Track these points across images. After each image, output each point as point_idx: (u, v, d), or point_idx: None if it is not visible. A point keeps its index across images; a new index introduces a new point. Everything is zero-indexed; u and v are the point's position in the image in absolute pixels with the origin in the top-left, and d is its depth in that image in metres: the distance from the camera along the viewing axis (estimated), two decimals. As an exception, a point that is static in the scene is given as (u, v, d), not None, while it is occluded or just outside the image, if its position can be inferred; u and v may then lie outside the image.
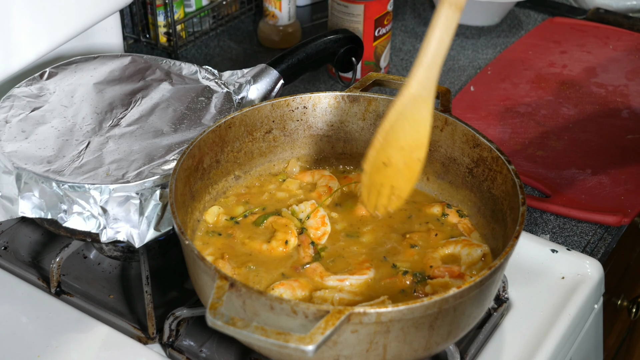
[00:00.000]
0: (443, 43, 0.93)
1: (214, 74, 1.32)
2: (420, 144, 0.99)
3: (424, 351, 0.92)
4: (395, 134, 0.96)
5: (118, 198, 1.08)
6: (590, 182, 1.41)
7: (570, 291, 1.18)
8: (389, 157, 0.98)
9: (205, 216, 1.11)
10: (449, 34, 0.92)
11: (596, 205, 1.36)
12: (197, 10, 1.78)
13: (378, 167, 0.98)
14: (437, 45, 0.93)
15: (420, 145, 0.99)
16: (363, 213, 1.13)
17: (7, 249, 1.26)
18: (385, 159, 0.98)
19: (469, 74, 1.72)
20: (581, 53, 1.79)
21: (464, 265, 1.05)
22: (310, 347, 0.79)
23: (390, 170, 0.98)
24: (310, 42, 1.37)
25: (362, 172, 1.01)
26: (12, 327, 1.12)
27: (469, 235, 1.10)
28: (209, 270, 0.89)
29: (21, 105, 1.23)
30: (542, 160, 1.47)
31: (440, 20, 0.92)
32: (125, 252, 1.23)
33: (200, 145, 1.09)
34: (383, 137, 0.96)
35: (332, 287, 1.01)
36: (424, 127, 0.98)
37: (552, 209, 1.35)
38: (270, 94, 1.31)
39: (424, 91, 0.95)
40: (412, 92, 0.95)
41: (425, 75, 0.94)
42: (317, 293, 1.00)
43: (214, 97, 1.27)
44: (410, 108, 0.96)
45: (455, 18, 0.91)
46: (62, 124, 1.20)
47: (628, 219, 1.34)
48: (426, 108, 0.97)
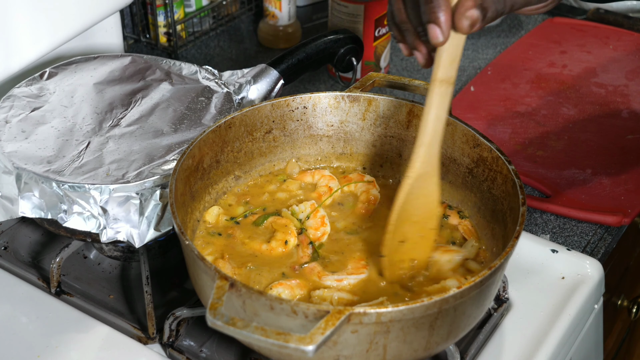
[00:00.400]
0: (440, 119, 0.95)
1: (214, 74, 1.32)
2: (432, 214, 1.01)
3: (424, 351, 0.92)
4: (406, 212, 0.98)
5: (118, 198, 1.08)
6: (590, 182, 1.41)
7: (571, 291, 1.18)
8: (405, 235, 1.00)
9: (205, 216, 1.11)
10: (444, 109, 0.94)
11: (596, 205, 1.36)
12: (197, 10, 1.78)
13: (396, 248, 1.00)
14: (435, 122, 0.94)
15: (432, 215, 1.01)
16: (362, 212, 1.13)
17: (7, 249, 1.26)
18: (401, 237, 0.99)
19: (469, 74, 1.72)
20: (581, 53, 1.79)
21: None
22: (310, 347, 0.79)
23: (407, 246, 1.00)
24: (310, 42, 1.37)
25: (380, 253, 1.01)
26: (12, 327, 1.12)
27: (469, 238, 1.10)
28: (209, 270, 0.89)
29: (21, 105, 1.23)
30: (542, 160, 1.47)
31: (434, 100, 0.93)
32: (125, 252, 1.23)
33: (200, 145, 1.09)
34: (395, 219, 0.98)
35: (330, 287, 1.01)
36: (434, 199, 1.00)
37: (552, 209, 1.35)
38: (270, 94, 1.31)
39: (429, 167, 0.98)
40: (418, 172, 0.97)
41: (427, 153, 0.96)
42: (315, 292, 1.00)
43: (214, 97, 1.27)
44: (417, 186, 0.98)
45: (448, 93, 0.93)
46: (62, 124, 1.20)
47: (628, 219, 1.34)
48: (433, 182, 0.99)
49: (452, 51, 0.91)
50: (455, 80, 0.95)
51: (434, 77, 0.92)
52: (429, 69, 0.95)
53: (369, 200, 1.15)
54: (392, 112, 1.18)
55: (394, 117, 1.18)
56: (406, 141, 1.18)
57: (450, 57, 0.91)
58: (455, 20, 0.88)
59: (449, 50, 0.91)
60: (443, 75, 0.92)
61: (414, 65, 1.75)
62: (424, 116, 0.94)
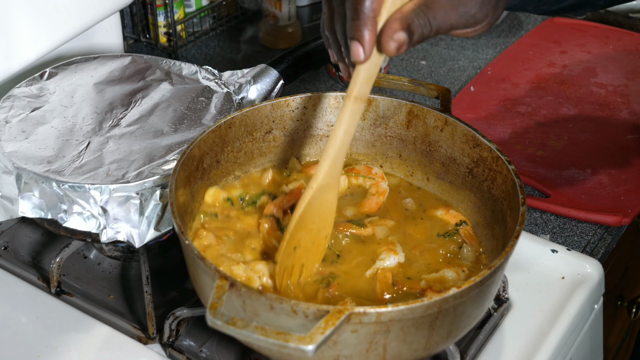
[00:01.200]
0: (348, 134, 0.95)
1: (214, 74, 1.32)
2: (327, 223, 1.02)
3: (424, 351, 0.92)
4: (304, 221, 0.99)
5: (118, 198, 1.08)
6: (590, 182, 1.41)
7: (570, 291, 1.18)
8: (299, 241, 1.00)
9: (205, 197, 1.12)
10: (354, 125, 0.95)
11: (596, 205, 1.36)
12: (197, 10, 1.78)
13: (289, 253, 1.00)
14: (343, 137, 0.95)
15: (327, 224, 1.02)
16: (373, 204, 1.14)
17: (7, 249, 1.26)
18: (296, 243, 1.00)
19: (469, 74, 1.72)
20: (581, 53, 1.79)
21: (424, 280, 1.04)
22: (310, 347, 0.79)
23: (299, 252, 1.01)
24: (310, 42, 1.37)
25: (275, 261, 1.00)
26: (12, 327, 1.12)
27: (470, 243, 1.09)
28: (209, 270, 0.89)
29: (21, 105, 1.23)
30: (542, 160, 1.47)
31: (346, 115, 0.93)
32: (125, 252, 1.23)
33: (200, 145, 1.09)
34: (293, 227, 0.98)
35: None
36: (331, 210, 1.01)
37: (552, 209, 1.35)
38: (270, 94, 1.31)
39: (331, 179, 0.98)
40: (320, 183, 0.97)
41: (332, 166, 0.97)
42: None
43: (214, 97, 1.27)
44: (318, 197, 0.98)
45: (360, 109, 0.94)
46: (62, 124, 1.20)
47: (628, 219, 1.34)
48: (332, 193, 1.00)
49: (370, 70, 0.91)
50: (368, 97, 0.97)
51: (349, 93, 0.92)
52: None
53: (379, 192, 1.15)
54: (391, 112, 1.18)
55: (394, 117, 1.18)
56: (406, 141, 1.18)
57: (367, 76, 0.91)
58: (382, 42, 0.87)
59: (368, 69, 0.90)
60: (358, 92, 0.92)
61: (414, 65, 1.76)
62: (334, 131, 0.95)
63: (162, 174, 1.10)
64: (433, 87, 1.19)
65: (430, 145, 1.16)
